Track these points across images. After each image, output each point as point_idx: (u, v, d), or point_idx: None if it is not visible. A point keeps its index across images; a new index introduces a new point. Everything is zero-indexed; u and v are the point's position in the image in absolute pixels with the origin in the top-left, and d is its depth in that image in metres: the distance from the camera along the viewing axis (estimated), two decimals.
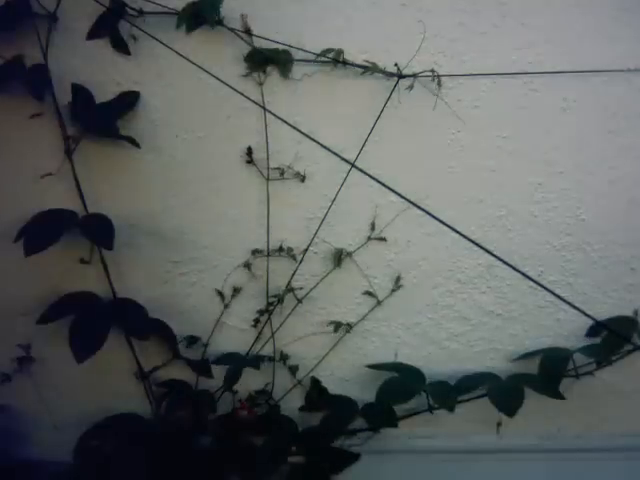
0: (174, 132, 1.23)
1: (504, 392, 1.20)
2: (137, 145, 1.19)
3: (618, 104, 1.23)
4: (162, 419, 1.27)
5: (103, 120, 1.20)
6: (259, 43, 1.19)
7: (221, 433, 1.27)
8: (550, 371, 1.22)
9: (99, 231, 1.18)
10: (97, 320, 1.21)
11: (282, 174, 1.23)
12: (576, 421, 1.29)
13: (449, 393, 1.21)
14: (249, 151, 1.22)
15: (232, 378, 1.25)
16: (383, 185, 1.08)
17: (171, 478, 1.22)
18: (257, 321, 1.28)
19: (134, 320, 1.24)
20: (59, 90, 1.21)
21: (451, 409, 1.15)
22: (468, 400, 1.24)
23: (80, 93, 1.21)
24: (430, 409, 1.23)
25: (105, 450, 1.23)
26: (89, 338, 1.17)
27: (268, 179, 1.23)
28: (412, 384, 1.23)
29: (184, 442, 1.25)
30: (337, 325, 1.27)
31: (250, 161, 1.23)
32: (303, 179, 1.24)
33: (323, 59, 1.20)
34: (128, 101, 1.21)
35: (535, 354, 1.27)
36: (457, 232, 1.11)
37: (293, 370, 1.29)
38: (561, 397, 1.19)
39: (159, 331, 1.27)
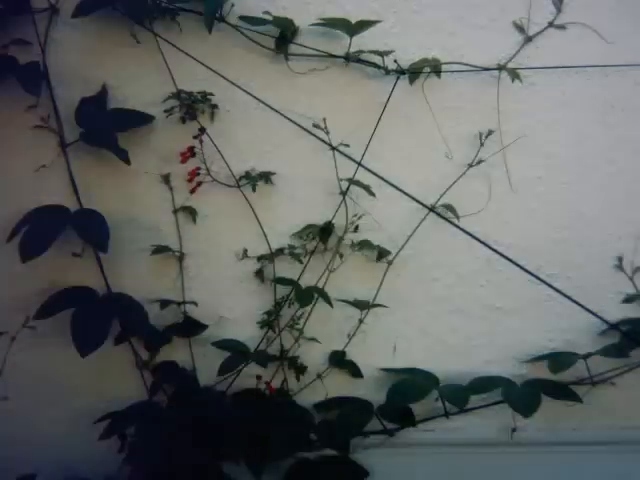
0: (173, 125, 1.23)
1: (521, 395, 1.20)
2: (128, 163, 1.19)
3: (617, 98, 1.23)
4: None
5: (104, 134, 1.20)
6: (257, 38, 1.20)
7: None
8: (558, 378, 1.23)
9: (94, 232, 1.17)
10: (98, 313, 1.20)
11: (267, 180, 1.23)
12: (574, 414, 1.29)
13: (461, 391, 1.20)
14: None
15: (229, 367, 1.23)
16: (381, 179, 1.09)
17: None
18: (266, 323, 1.27)
19: (132, 318, 1.23)
20: (57, 83, 1.22)
21: (462, 406, 1.14)
22: (481, 407, 1.26)
23: (86, 103, 1.22)
24: (446, 414, 1.22)
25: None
26: (91, 332, 1.16)
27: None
28: (423, 383, 1.22)
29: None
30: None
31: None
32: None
33: (322, 54, 1.21)
34: (139, 120, 1.22)
35: (543, 358, 1.27)
36: (456, 226, 1.12)
37: (300, 371, 1.28)
38: (579, 400, 1.20)
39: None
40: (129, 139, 1.22)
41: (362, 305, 1.24)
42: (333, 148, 1.18)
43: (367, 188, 1.20)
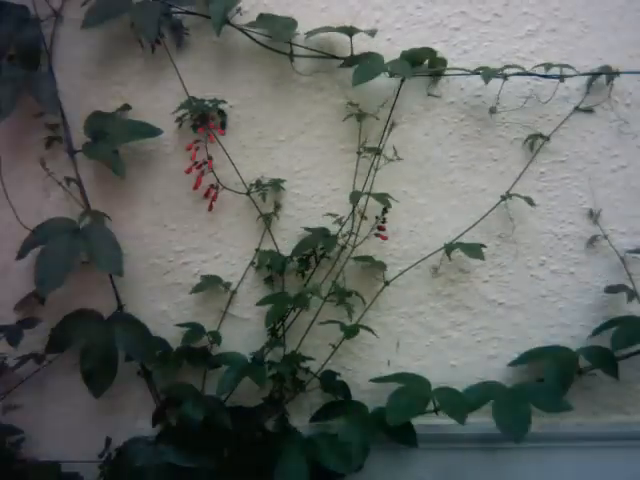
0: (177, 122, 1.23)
1: (510, 411, 1.17)
2: (122, 175, 1.19)
3: (619, 93, 1.23)
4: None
5: (104, 146, 1.21)
6: (263, 40, 1.21)
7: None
8: (556, 384, 1.22)
9: (108, 260, 1.16)
10: (107, 349, 1.19)
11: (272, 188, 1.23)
12: (577, 409, 1.28)
13: (459, 403, 1.19)
14: None
15: (227, 386, 1.21)
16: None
17: None
18: (273, 330, 1.26)
19: (137, 346, 1.22)
20: (63, 84, 1.23)
21: (462, 421, 1.12)
22: None
23: (97, 115, 1.23)
24: (436, 410, 1.21)
25: None
26: (102, 371, 1.17)
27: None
28: (419, 395, 1.20)
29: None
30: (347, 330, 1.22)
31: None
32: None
33: (326, 55, 1.21)
34: (147, 132, 1.22)
35: (539, 356, 1.27)
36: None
37: (300, 385, 1.26)
38: (569, 408, 1.19)
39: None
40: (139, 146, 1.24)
41: (348, 331, 1.20)
42: (359, 153, 1.19)
43: (385, 194, 1.19)
